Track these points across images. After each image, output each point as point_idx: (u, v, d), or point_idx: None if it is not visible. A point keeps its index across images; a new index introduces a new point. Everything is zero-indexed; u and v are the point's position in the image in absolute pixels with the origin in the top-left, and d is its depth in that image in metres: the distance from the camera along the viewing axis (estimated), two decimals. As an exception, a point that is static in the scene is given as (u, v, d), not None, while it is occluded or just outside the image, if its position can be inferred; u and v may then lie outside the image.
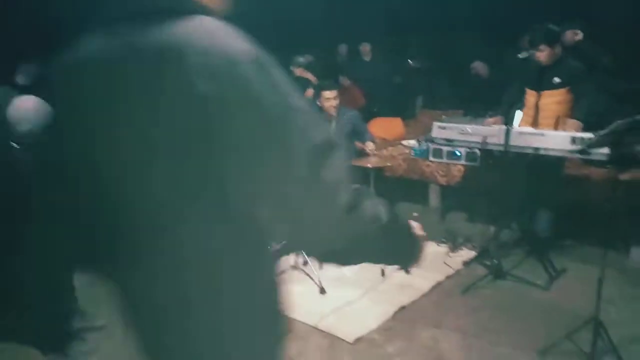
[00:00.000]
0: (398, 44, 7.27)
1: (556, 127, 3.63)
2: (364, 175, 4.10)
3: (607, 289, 2.82)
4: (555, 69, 3.67)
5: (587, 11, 4.94)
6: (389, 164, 4.60)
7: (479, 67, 5.82)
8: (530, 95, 3.84)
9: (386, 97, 6.46)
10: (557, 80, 3.67)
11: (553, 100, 3.70)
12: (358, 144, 4.31)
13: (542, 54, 3.61)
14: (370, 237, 0.97)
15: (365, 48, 6.76)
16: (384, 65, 6.71)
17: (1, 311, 2.88)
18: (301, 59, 5.51)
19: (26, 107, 2.59)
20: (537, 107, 3.76)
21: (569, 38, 4.48)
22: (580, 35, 4.45)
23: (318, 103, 4.49)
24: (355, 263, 1.05)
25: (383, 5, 7.39)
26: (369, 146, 4.23)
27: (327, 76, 5.39)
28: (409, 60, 7.19)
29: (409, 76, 7.10)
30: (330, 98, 4.31)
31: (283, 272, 3.48)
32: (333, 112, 4.35)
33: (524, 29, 4.31)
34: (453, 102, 6.66)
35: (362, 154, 4.33)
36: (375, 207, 0.98)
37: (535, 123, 3.75)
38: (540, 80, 3.73)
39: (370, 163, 3.85)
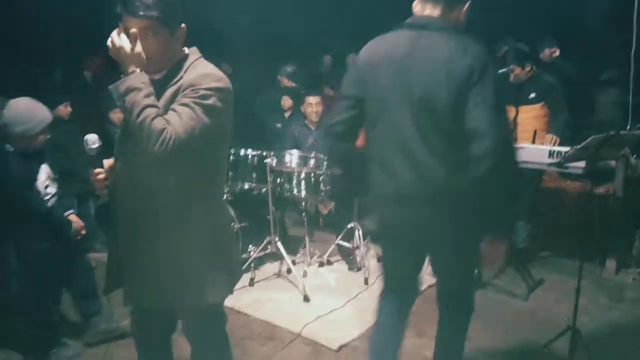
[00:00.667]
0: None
1: (533, 141, 3.74)
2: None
3: (583, 299, 2.91)
4: (531, 84, 3.80)
5: (567, 26, 5.12)
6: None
7: None
8: (508, 110, 3.94)
9: None
10: (532, 95, 3.79)
11: (530, 115, 3.81)
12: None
13: (513, 74, 3.73)
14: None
15: (350, 59, 6.84)
16: None
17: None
18: (288, 69, 5.57)
19: (20, 108, 2.58)
20: (515, 122, 3.86)
21: (546, 55, 4.62)
22: (557, 52, 4.60)
23: (302, 109, 4.52)
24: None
25: (365, 17, 7.50)
26: None
27: (311, 85, 5.45)
28: None
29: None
30: (312, 104, 4.34)
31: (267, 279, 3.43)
32: (314, 118, 4.38)
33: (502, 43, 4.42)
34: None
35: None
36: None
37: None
38: (518, 96, 3.84)
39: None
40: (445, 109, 1.68)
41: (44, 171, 2.72)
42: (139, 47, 1.57)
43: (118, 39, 1.56)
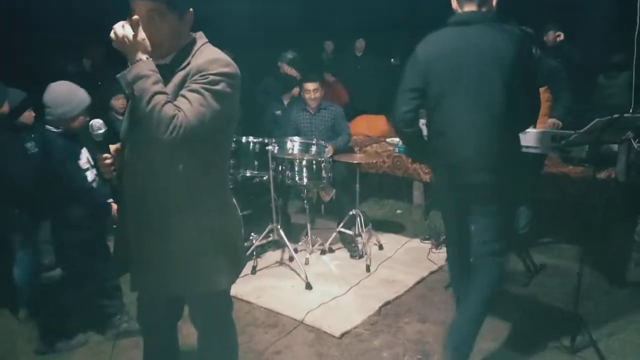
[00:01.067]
0: (381, 42, 7.32)
1: (535, 125, 3.71)
2: (350, 171, 4.14)
3: (585, 284, 2.91)
4: None
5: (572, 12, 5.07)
6: (374, 161, 4.63)
7: None
8: None
9: (372, 94, 6.53)
10: None
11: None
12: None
13: None
14: None
15: (361, 44, 6.81)
16: (374, 63, 6.78)
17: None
18: (288, 55, 5.52)
19: (60, 91, 2.65)
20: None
21: (550, 39, 4.58)
22: (562, 37, 4.56)
23: (301, 95, 4.46)
24: None
25: (367, 3, 7.45)
26: (329, 150, 3.94)
27: (312, 72, 5.39)
28: (392, 59, 7.25)
29: (392, 74, 7.16)
30: (310, 90, 4.27)
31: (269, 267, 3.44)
32: (313, 104, 4.30)
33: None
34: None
35: (349, 150, 4.37)
36: None
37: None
38: None
39: (356, 159, 3.89)
40: (498, 88, 2.14)
41: (84, 155, 2.78)
42: (142, 34, 1.56)
43: (121, 29, 1.55)
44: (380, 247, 4.12)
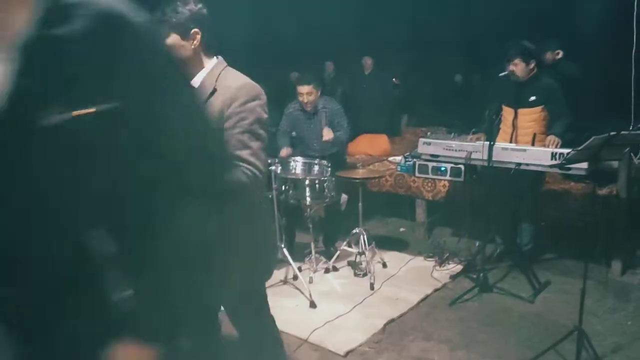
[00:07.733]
0: (382, 61, 7.40)
1: (533, 144, 3.75)
2: (352, 189, 4.17)
3: (589, 300, 2.92)
4: (531, 87, 3.77)
5: (569, 29, 5.16)
6: (376, 176, 4.63)
7: None
8: (507, 113, 3.94)
9: (377, 112, 6.60)
10: (532, 98, 3.78)
11: (529, 117, 3.80)
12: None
13: (516, 68, 3.71)
14: None
15: (368, 61, 6.84)
16: (382, 81, 6.84)
17: None
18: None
19: None
20: (514, 124, 3.87)
21: (548, 57, 4.63)
22: (561, 54, 4.61)
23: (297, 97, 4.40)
24: None
25: (369, 23, 7.57)
26: (326, 133, 4.19)
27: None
28: (393, 79, 7.33)
29: (394, 94, 7.25)
30: (304, 93, 4.17)
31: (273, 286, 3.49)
32: (308, 107, 4.24)
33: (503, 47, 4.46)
34: (436, 119, 6.80)
35: (350, 166, 4.39)
36: None
37: (513, 139, 3.86)
38: (517, 98, 3.83)
39: (358, 175, 3.92)
40: None
41: None
42: None
43: None
44: (384, 265, 4.13)
